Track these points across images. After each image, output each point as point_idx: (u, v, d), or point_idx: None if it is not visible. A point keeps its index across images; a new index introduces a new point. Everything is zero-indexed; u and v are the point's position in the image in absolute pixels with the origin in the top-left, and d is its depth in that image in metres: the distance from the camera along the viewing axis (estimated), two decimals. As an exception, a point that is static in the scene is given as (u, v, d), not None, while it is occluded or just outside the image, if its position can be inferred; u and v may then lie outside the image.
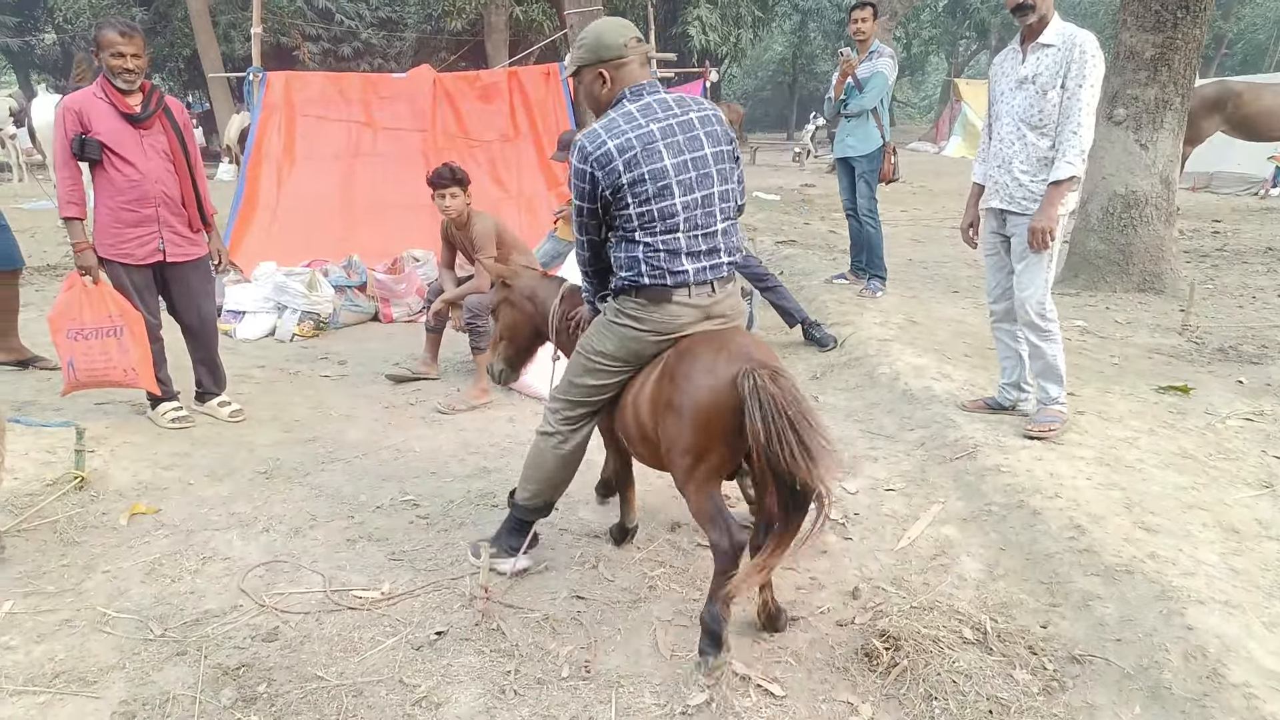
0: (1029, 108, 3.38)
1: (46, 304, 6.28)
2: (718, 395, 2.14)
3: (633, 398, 2.46)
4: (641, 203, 2.31)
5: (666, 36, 19.66)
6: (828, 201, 11.41)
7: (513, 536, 2.78)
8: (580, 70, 2.44)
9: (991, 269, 3.72)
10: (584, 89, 2.48)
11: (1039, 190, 3.38)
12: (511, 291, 3.06)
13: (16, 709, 2.11)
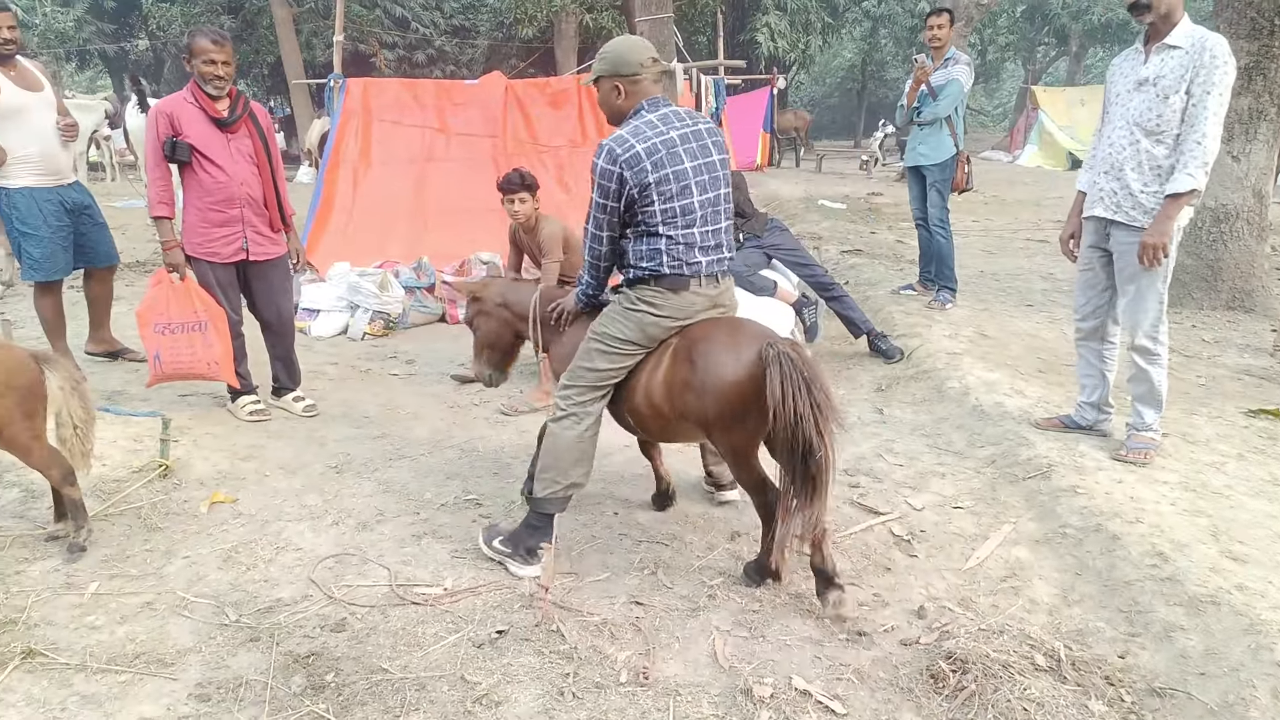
0: (1147, 112, 3.17)
1: (136, 298, 6.58)
2: (741, 370, 2.43)
3: (645, 380, 2.68)
4: (666, 200, 2.55)
5: (734, 43, 19.62)
6: (896, 210, 11.19)
7: (532, 535, 2.79)
8: (599, 80, 2.65)
9: (1084, 284, 3.53)
10: (601, 97, 2.69)
11: (1151, 202, 3.18)
12: (483, 303, 3.24)
13: (100, 686, 2.21)
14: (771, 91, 17.75)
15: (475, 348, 3.36)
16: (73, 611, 2.53)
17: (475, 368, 3.38)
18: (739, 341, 2.48)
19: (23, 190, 4.23)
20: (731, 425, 2.49)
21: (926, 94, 5.61)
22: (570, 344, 2.95)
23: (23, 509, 3.14)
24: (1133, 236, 3.22)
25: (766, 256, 5.08)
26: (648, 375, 2.67)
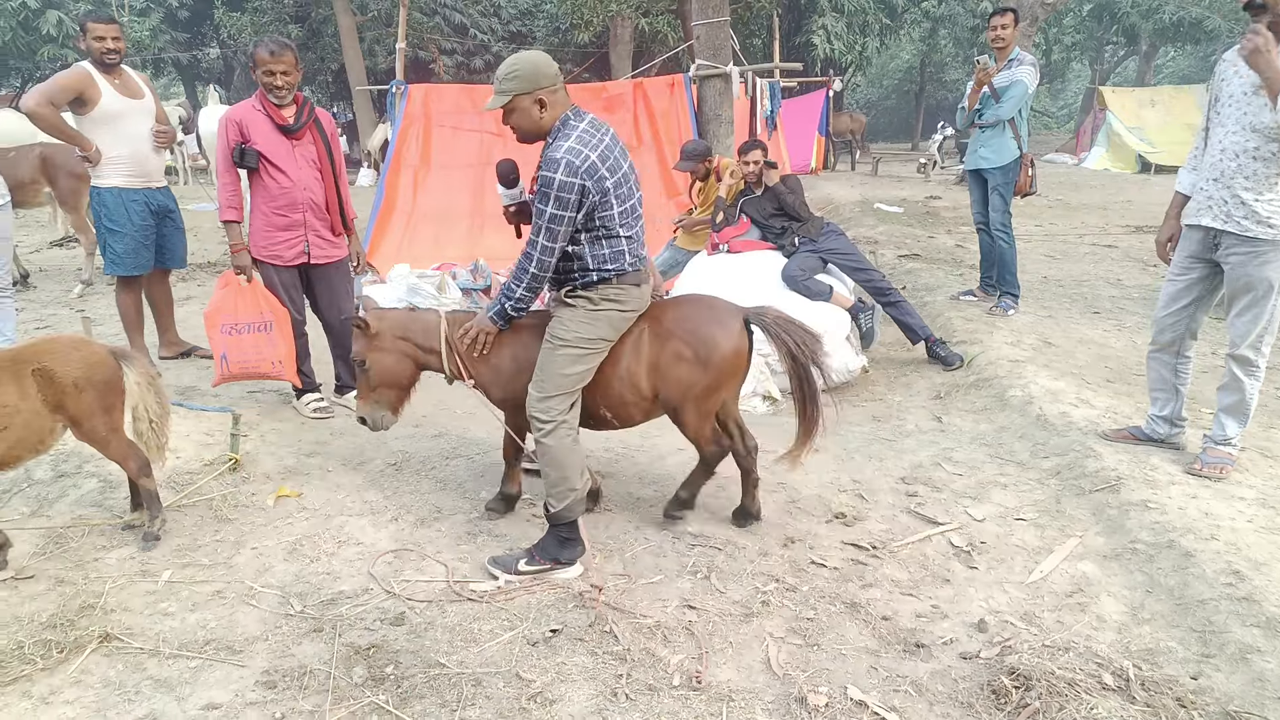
0: (1265, 115, 2.97)
1: (207, 298, 6.83)
2: (737, 339, 2.85)
3: (623, 370, 2.83)
4: (622, 202, 2.68)
5: (790, 46, 19.43)
6: (955, 215, 10.96)
7: (564, 547, 2.81)
8: (515, 99, 2.60)
9: (1172, 294, 3.36)
10: (520, 115, 2.63)
11: (1267, 210, 3.00)
12: (379, 337, 2.99)
13: (172, 670, 2.30)
14: (827, 94, 17.56)
15: (364, 388, 3.06)
16: (147, 598, 2.63)
17: (364, 411, 3.06)
18: (721, 316, 2.88)
19: (112, 189, 4.44)
20: (719, 388, 2.88)
21: (989, 95, 5.50)
22: (502, 363, 2.94)
23: (101, 499, 3.28)
24: (1247, 247, 3.06)
25: (822, 261, 5.03)
26: (626, 364, 2.84)
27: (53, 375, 2.65)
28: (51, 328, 5.72)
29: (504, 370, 2.93)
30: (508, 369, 2.93)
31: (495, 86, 2.63)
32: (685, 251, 6.06)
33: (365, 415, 3.06)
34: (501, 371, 2.94)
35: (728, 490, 3.46)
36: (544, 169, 2.57)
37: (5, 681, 2.22)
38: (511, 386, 2.93)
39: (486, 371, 2.97)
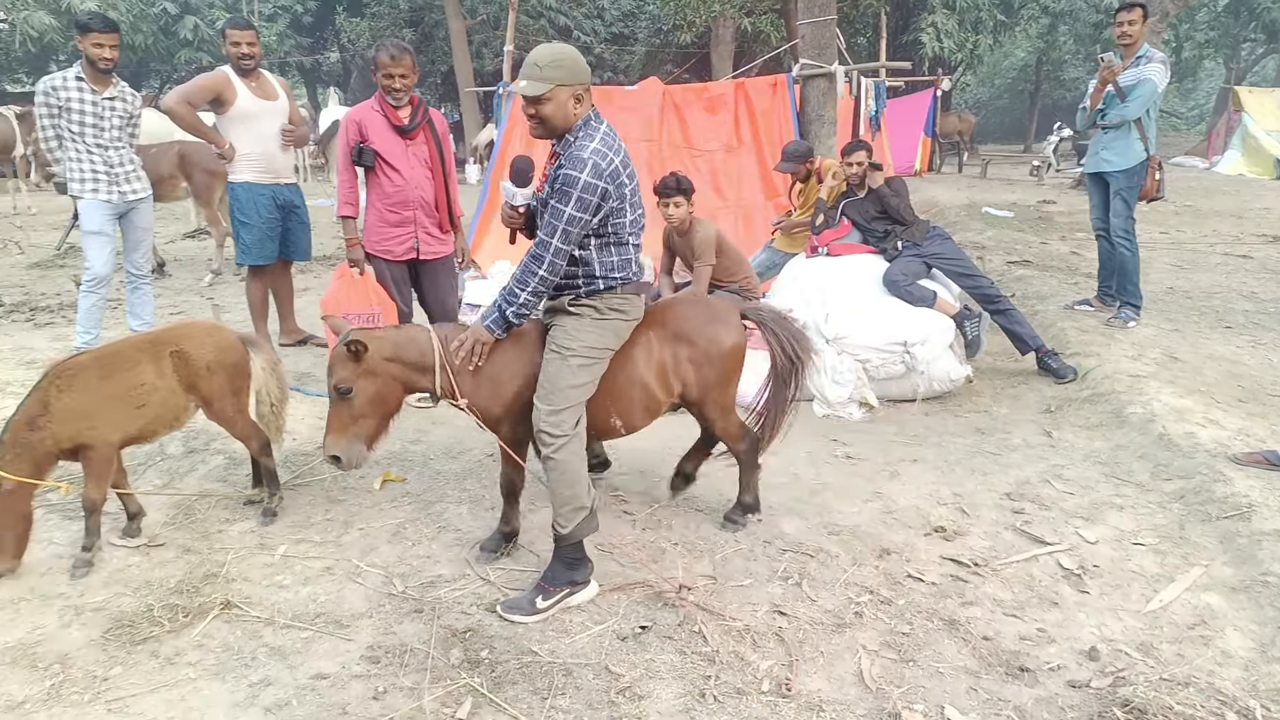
0: None
1: (322, 288, 7.18)
2: (739, 334, 2.93)
3: (635, 374, 2.80)
4: (633, 209, 2.65)
5: (896, 44, 18.92)
6: (1070, 220, 10.42)
7: (574, 569, 2.65)
8: (556, 89, 2.47)
9: None
10: (555, 107, 2.49)
11: None
12: (366, 361, 2.61)
13: (285, 640, 2.43)
14: (935, 94, 17.00)
15: (343, 419, 2.63)
16: (264, 570, 2.79)
17: (339, 448, 2.63)
18: (721, 314, 2.95)
19: (243, 184, 4.76)
20: (730, 383, 2.96)
21: (1113, 95, 5.21)
22: (495, 377, 2.73)
23: (225, 474, 3.50)
24: None
25: (926, 266, 4.87)
26: (639, 371, 2.80)
27: (188, 357, 2.85)
28: (184, 313, 6.14)
29: (501, 385, 2.72)
30: (505, 383, 2.72)
31: (530, 72, 2.47)
32: (783, 254, 5.99)
33: (340, 453, 2.62)
34: (498, 386, 2.72)
35: (821, 496, 3.41)
36: (568, 167, 2.48)
37: (136, 641, 2.40)
38: (509, 402, 2.73)
39: (482, 388, 2.72)
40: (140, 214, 4.80)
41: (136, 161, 4.78)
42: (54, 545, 2.93)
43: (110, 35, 4.43)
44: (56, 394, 2.64)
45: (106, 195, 4.58)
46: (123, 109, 4.61)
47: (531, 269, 2.56)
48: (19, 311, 6.10)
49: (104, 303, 4.74)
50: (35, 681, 2.23)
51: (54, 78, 4.45)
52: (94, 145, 4.52)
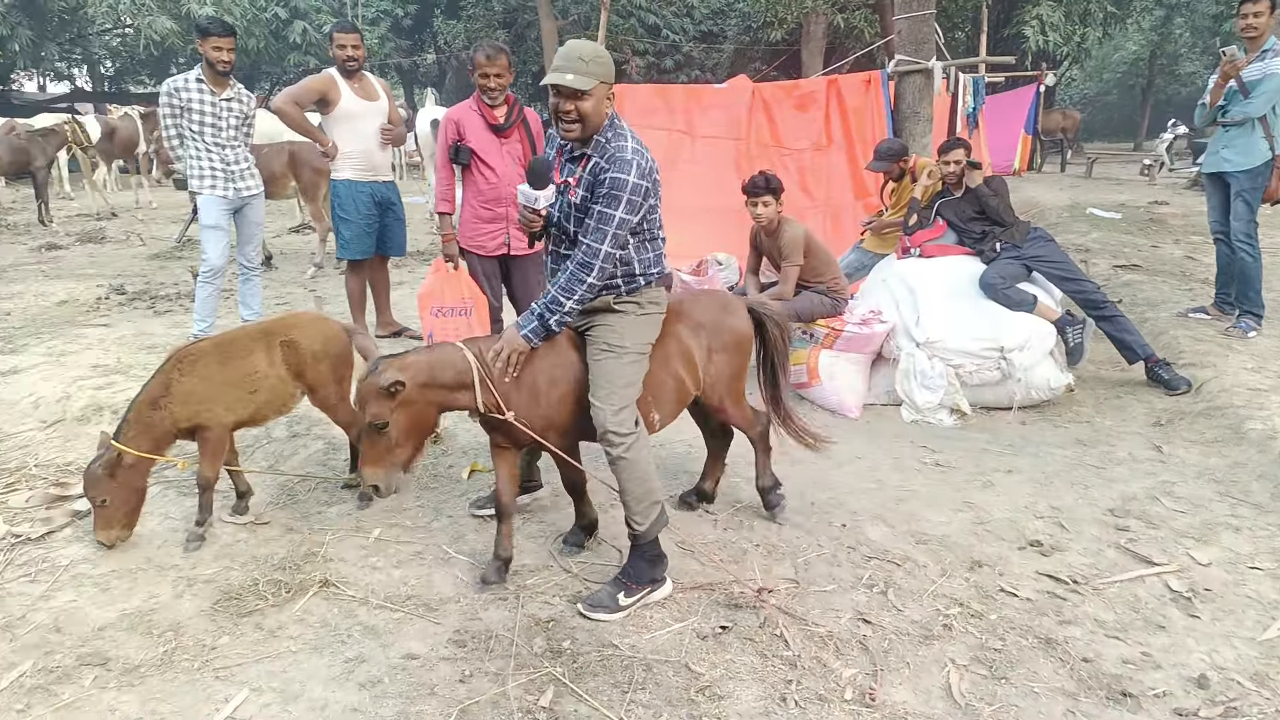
0: None
1: (417, 283, 7.42)
2: (749, 326, 3.05)
3: (674, 370, 2.81)
4: (659, 203, 2.63)
5: (998, 38, 18.20)
6: (1184, 222, 9.83)
7: (654, 566, 2.64)
8: (599, 86, 2.42)
9: None
10: (595, 104, 2.44)
11: None
12: (406, 390, 2.46)
13: (378, 619, 2.53)
14: (1038, 89, 16.29)
15: (379, 451, 2.50)
16: (359, 551, 2.91)
17: (379, 478, 2.52)
18: (734, 306, 3.06)
19: (345, 182, 4.97)
20: (743, 371, 3.03)
21: (1235, 90, 4.89)
22: (535, 383, 2.62)
23: (325, 459, 3.67)
24: None
25: (1026, 268, 4.68)
26: (675, 365, 2.80)
27: (297, 347, 3.00)
28: (288, 304, 6.46)
29: (542, 393, 2.63)
30: (552, 391, 2.64)
31: (576, 65, 2.39)
32: (872, 254, 5.85)
33: (380, 483, 2.52)
34: (530, 394, 2.62)
35: (908, 503, 3.32)
36: (614, 170, 2.43)
37: (242, 613, 2.55)
38: (552, 410, 2.65)
39: (528, 399, 2.62)
40: (253, 209, 5.06)
41: (250, 159, 5.03)
42: (170, 519, 3.13)
43: (228, 39, 4.69)
44: (178, 377, 2.82)
45: (223, 191, 4.85)
46: (239, 109, 4.86)
47: (579, 277, 2.49)
48: (140, 300, 6.53)
49: (218, 293, 5.02)
50: (150, 647, 2.39)
51: (177, 79, 4.74)
52: (212, 144, 4.79)
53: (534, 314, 2.57)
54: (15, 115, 15.98)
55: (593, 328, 2.64)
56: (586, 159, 2.53)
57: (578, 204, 2.55)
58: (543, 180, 2.53)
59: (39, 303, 6.37)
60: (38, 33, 19.72)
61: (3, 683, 2.22)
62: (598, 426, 2.53)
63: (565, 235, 2.64)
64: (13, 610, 2.55)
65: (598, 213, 2.47)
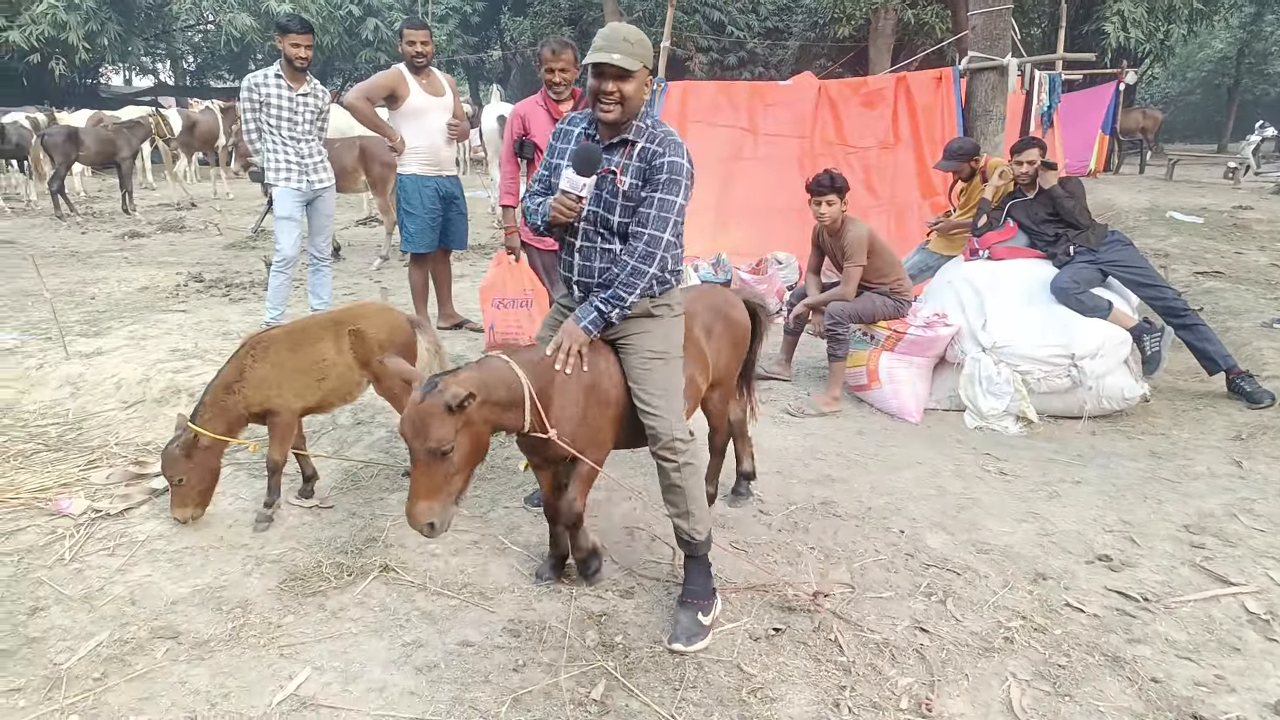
0: None
1: (478, 276, 7.53)
2: (749, 320, 3.08)
3: (697, 368, 2.77)
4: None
5: (1076, 34, 17.60)
6: (1271, 228, 9.36)
7: (710, 576, 2.56)
8: (643, 70, 2.34)
9: None
10: (638, 88, 2.35)
11: None
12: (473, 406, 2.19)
13: (435, 605, 2.58)
14: (1117, 88, 15.68)
15: (434, 484, 2.19)
16: (418, 538, 2.97)
17: (434, 514, 2.19)
18: (734, 300, 3.06)
19: (411, 176, 5.07)
20: (739, 364, 3.09)
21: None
22: (579, 397, 2.43)
23: (388, 446, 3.76)
24: None
25: (1101, 273, 4.52)
26: (691, 360, 2.72)
27: (364, 336, 3.08)
28: (355, 294, 6.63)
29: (576, 406, 2.44)
30: (582, 404, 2.45)
31: (621, 47, 2.29)
32: (938, 256, 5.73)
33: (437, 520, 2.20)
34: (574, 407, 2.43)
35: (970, 511, 3.24)
36: (671, 154, 2.36)
37: (307, 593, 2.63)
38: (593, 424, 2.48)
39: (564, 411, 2.41)
40: (324, 201, 5.20)
41: (324, 153, 5.17)
42: (240, 500, 3.25)
43: (306, 36, 4.83)
44: (251, 363, 2.92)
45: (297, 184, 4.99)
46: (314, 104, 5.00)
47: (642, 269, 2.39)
48: (216, 287, 6.78)
49: (290, 282, 5.18)
50: (219, 622, 2.48)
51: (256, 75, 4.90)
52: (288, 138, 4.93)
53: (593, 306, 2.43)
54: (102, 108, 16.75)
55: (630, 335, 2.51)
56: (629, 145, 2.42)
57: (626, 191, 2.41)
58: (592, 168, 2.37)
59: (121, 288, 6.67)
60: (125, 28, 20.61)
61: (81, 651, 2.33)
62: (661, 436, 2.41)
63: (604, 226, 2.46)
64: (92, 582, 2.68)
65: (660, 200, 2.37)
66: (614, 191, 2.42)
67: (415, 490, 2.20)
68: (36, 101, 17.93)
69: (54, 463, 3.50)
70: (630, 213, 2.42)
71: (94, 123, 12.44)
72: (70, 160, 10.83)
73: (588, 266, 2.51)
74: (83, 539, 2.93)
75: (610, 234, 2.47)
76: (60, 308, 5.59)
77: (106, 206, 11.93)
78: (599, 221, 2.47)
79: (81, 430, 3.85)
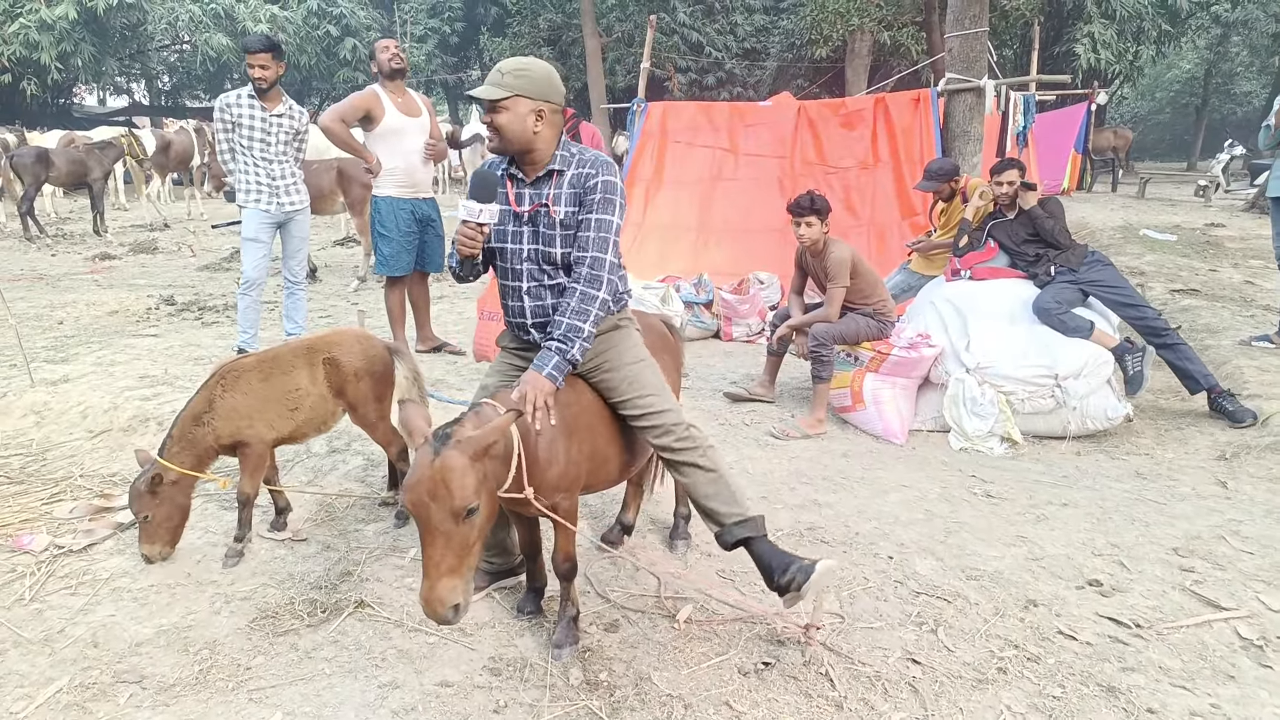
0: None
1: (459, 297, 7.47)
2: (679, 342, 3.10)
3: None
4: None
5: (1047, 56, 17.92)
6: (1243, 246, 9.52)
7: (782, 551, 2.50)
8: (515, 98, 2.29)
9: None
10: (511, 118, 2.30)
11: None
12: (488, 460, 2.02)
13: (413, 643, 2.49)
14: (1089, 108, 15.96)
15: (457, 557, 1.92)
16: (396, 572, 2.88)
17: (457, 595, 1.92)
18: (670, 324, 3.07)
19: (386, 198, 5.00)
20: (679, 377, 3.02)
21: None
22: (555, 442, 2.26)
23: (363, 475, 3.66)
24: None
25: (1082, 293, 4.53)
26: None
27: (339, 364, 2.99)
28: (331, 317, 6.53)
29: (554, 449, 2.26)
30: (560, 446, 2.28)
31: (492, 78, 2.32)
32: (920, 276, 5.74)
33: (462, 599, 1.93)
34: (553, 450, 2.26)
35: (958, 536, 3.20)
36: (604, 174, 2.34)
37: (278, 633, 2.52)
38: (571, 465, 2.32)
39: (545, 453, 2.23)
40: (297, 224, 5.11)
41: (298, 175, 5.08)
42: (209, 534, 3.14)
43: (261, 55, 4.67)
44: (221, 393, 2.83)
45: (267, 205, 4.90)
46: (289, 125, 4.91)
47: (590, 295, 2.32)
48: (189, 310, 6.65)
49: (258, 305, 5.05)
50: (186, 665, 2.37)
51: (229, 95, 4.82)
52: (260, 159, 4.84)
53: (551, 350, 2.28)
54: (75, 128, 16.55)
55: (605, 353, 2.46)
56: (555, 175, 2.39)
57: (563, 220, 2.36)
58: (489, 193, 2.29)
59: (90, 312, 6.53)
60: (99, 48, 20.43)
61: (39, 699, 2.21)
62: (673, 428, 2.41)
63: (548, 262, 2.39)
64: (52, 623, 2.56)
65: (596, 221, 2.34)
66: (550, 224, 2.38)
67: (434, 569, 1.88)
68: (7, 122, 17.70)
69: (16, 496, 3.37)
70: (570, 241, 2.39)
71: (65, 143, 12.27)
72: (40, 181, 10.66)
73: (540, 306, 2.45)
74: (44, 577, 2.81)
75: (555, 268, 2.42)
76: (26, 333, 5.45)
77: (77, 228, 11.74)
78: (541, 258, 2.41)
79: (45, 461, 3.72)
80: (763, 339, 5.40)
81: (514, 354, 2.59)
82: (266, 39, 4.86)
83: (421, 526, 1.92)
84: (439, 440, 1.97)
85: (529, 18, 23.52)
